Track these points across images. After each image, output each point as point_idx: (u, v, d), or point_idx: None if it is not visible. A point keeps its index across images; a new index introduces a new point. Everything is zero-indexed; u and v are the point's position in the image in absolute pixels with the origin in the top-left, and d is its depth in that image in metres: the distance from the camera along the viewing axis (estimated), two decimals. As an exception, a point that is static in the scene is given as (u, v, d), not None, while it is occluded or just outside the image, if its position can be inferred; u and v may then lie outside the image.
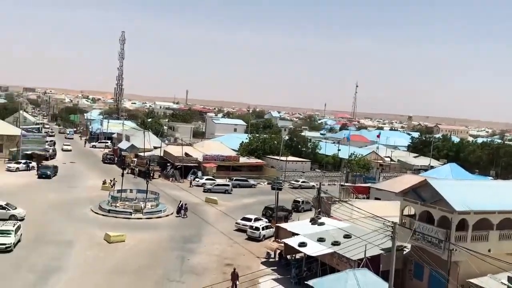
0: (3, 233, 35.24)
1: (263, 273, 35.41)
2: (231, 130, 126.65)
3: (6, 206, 43.65)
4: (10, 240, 34.86)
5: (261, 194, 66.46)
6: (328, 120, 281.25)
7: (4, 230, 35.60)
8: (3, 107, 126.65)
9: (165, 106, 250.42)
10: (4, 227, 36.05)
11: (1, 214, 42.53)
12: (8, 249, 34.32)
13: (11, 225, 36.42)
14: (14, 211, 43.49)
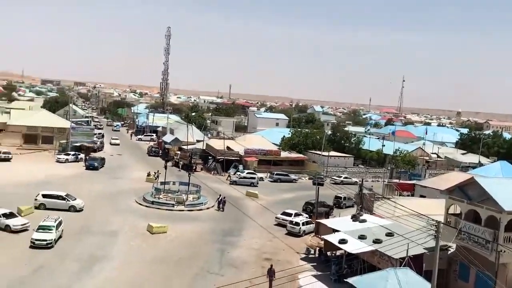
0: (45, 228, 34.90)
1: (302, 269, 35.20)
2: (273, 124, 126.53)
3: (66, 197, 45.09)
4: (51, 236, 34.49)
5: (302, 189, 66.06)
6: (373, 115, 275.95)
7: (45, 225, 35.24)
8: (55, 101, 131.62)
9: (208, 101, 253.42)
10: (46, 222, 35.67)
11: (61, 204, 44.12)
12: (49, 245, 34.04)
13: (53, 221, 35.99)
14: (73, 202, 44.93)
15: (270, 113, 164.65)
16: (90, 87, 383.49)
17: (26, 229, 37.23)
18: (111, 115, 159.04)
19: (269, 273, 31.02)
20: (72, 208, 44.37)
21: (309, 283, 32.34)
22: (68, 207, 44.32)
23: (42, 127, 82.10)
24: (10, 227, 37.00)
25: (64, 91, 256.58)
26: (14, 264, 31.16)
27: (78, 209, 44.68)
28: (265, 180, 71.40)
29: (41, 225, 35.16)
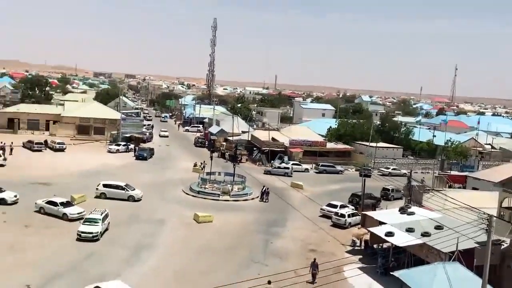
0: (91, 221, 34.88)
1: (348, 261, 34.77)
2: (319, 115, 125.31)
3: (125, 187, 46.33)
4: (97, 229, 34.33)
5: (348, 180, 65.13)
6: (423, 104, 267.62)
7: (92, 218, 35.23)
8: (106, 93, 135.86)
9: (254, 92, 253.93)
10: (92, 215, 35.70)
11: (120, 194, 45.43)
12: (95, 238, 34.00)
13: (99, 213, 35.90)
14: (132, 192, 46.09)
15: (316, 104, 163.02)
16: (140, 79, 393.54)
17: (82, 217, 38.31)
18: (159, 107, 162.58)
19: (312, 266, 30.69)
20: (131, 198, 45.50)
21: (355, 275, 31.89)
22: (127, 197, 45.48)
23: (94, 119, 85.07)
24: (67, 215, 38.34)
25: (115, 83, 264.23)
26: (66, 250, 32.49)
27: (137, 199, 45.70)
28: (310, 171, 70.92)
29: (88, 218, 35.42)
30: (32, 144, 68.45)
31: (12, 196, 41.75)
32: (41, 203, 39.79)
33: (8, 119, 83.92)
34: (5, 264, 29.23)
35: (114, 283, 25.58)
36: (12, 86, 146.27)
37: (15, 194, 42.14)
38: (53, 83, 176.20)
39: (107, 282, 25.52)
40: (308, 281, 29.77)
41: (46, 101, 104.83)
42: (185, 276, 30.18)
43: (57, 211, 38.76)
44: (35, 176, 52.05)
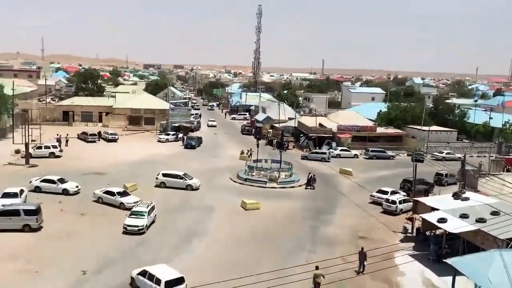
0: (137, 214, 34.66)
1: (399, 248, 33.92)
2: (368, 99, 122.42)
3: (183, 176, 46.98)
4: (143, 222, 34.07)
5: (399, 166, 63.37)
6: (479, 85, 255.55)
7: (137, 211, 35.01)
8: (155, 84, 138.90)
9: (301, 77, 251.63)
10: (138, 208, 35.56)
11: (179, 183, 46.25)
12: (140, 232, 33.72)
13: (145, 206, 35.70)
14: (190, 181, 46.76)
15: (366, 88, 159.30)
16: (188, 69, 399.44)
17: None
18: (207, 96, 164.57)
19: (360, 255, 29.80)
20: (189, 187, 46.11)
21: (406, 262, 31.10)
22: (185, 186, 46.18)
23: (144, 109, 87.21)
24: (124, 204, 39.33)
25: (164, 74, 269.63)
26: (119, 238, 33.54)
27: (195, 188, 46.21)
28: (359, 157, 69.61)
29: (134, 211, 35.20)
30: (86, 136, 71.13)
31: (74, 186, 43.40)
32: (99, 193, 41.17)
33: (63, 112, 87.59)
34: (62, 251, 30.56)
35: (159, 266, 26.45)
36: (66, 80, 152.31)
37: (76, 185, 43.75)
38: (104, 76, 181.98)
39: (153, 266, 26.36)
40: (356, 270, 29.23)
41: (98, 94, 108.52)
42: (234, 262, 30.42)
43: (115, 200, 39.95)
44: (89, 166, 54.09)
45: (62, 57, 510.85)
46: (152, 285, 24.87)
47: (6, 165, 53.15)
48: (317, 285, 27.24)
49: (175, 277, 25.22)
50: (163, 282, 24.59)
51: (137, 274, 26.12)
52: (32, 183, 43.09)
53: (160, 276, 24.93)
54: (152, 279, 25.02)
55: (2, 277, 26.52)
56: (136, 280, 26.10)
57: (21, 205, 34.54)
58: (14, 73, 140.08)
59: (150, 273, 25.44)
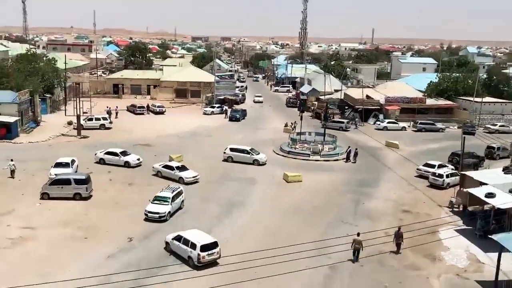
0: (160, 200, 32.28)
1: (443, 222, 33.13)
2: (419, 69, 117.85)
3: (250, 151, 46.60)
4: (165, 209, 31.62)
5: (449, 139, 61.31)
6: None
7: (161, 197, 32.53)
8: (202, 57, 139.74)
9: (350, 48, 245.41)
10: (162, 193, 33.00)
11: (246, 158, 46.05)
12: (162, 219, 31.39)
13: (170, 191, 33.11)
14: (257, 156, 46.29)
15: (416, 58, 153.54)
16: (235, 41, 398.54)
17: (196, 181, 39.82)
18: (252, 68, 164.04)
19: (396, 236, 28.41)
20: (256, 162, 45.77)
21: (450, 237, 30.42)
22: (252, 161, 45.88)
23: (191, 82, 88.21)
24: (183, 179, 39.37)
25: (211, 47, 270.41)
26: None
27: (261, 163, 45.82)
28: (407, 129, 67.79)
29: (157, 196, 32.71)
30: (134, 108, 73.04)
31: (135, 159, 44.13)
32: (158, 167, 41.29)
33: (113, 84, 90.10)
34: (110, 219, 31.92)
35: (193, 231, 27.38)
36: (117, 54, 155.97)
37: (138, 157, 44.43)
38: (153, 49, 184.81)
39: (187, 231, 27.39)
40: (392, 251, 28.33)
41: (147, 67, 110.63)
42: (274, 234, 30.75)
43: (174, 174, 39.92)
44: (138, 138, 55.71)
45: (114, 31, 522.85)
46: (187, 249, 25.79)
47: (59, 136, 55.61)
48: (355, 251, 27.35)
49: (210, 242, 26.04)
50: (199, 246, 25.39)
51: (172, 239, 27.13)
52: (97, 155, 44.46)
53: (195, 241, 25.74)
54: (188, 244, 25.89)
55: (54, 242, 28.11)
56: (171, 244, 27.11)
57: (72, 175, 36.19)
58: (67, 47, 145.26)
59: (185, 238, 26.35)
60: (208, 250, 25.54)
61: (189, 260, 25.75)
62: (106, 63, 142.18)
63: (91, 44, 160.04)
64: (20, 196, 35.17)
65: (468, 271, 26.73)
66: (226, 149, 47.52)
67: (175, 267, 24.89)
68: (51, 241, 28.17)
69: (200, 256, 25.20)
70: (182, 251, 26.20)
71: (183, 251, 26.18)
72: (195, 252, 25.36)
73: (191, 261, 25.58)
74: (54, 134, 55.64)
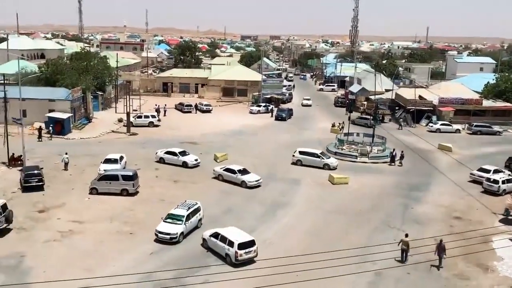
0: (173, 218, 28.76)
1: (498, 231, 31.30)
2: (476, 69, 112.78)
3: (320, 155, 45.06)
4: (177, 229, 28.10)
5: (506, 143, 58.34)
6: None
7: (174, 215, 29.02)
8: (250, 56, 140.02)
9: (403, 46, 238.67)
10: (176, 210, 29.44)
11: (316, 162, 44.64)
12: (173, 241, 27.86)
13: (185, 209, 29.50)
14: (327, 160, 44.90)
15: (473, 57, 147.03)
16: (284, 40, 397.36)
17: (259, 185, 38.70)
18: (300, 67, 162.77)
19: (438, 249, 26.50)
20: (326, 166, 44.25)
21: (505, 246, 28.71)
22: (323, 165, 44.41)
23: (238, 81, 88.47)
24: (246, 183, 38.21)
25: (260, 45, 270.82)
26: (208, 203, 34.46)
27: (332, 168, 44.22)
28: (462, 132, 64.94)
29: (170, 214, 29.27)
30: (182, 106, 74.05)
31: (193, 160, 43.64)
32: (219, 170, 40.02)
33: (162, 83, 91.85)
34: (155, 215, 31.94)
35: (231, 228, 27.50)
36: (167, 53, 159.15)
37: (195, 158, 43.98)
38: (203, 48, 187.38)
39: (225, 228, 27.51)
40: (433, 265, 26.53)
41: (196, 66, 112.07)
42: (318, 235, 30.17)
43: (236, 178, 38.78)
44: (184, 136, 56.34)
45: (165, 30, 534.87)
46: (225, 246, 25.87)
47: (110, 132, 57.18)
48: (403, 252, 26.91)
49: (248, 240, 26.00)
50: (236, 244, 25.41)
51: (209, 235, 27.22)
52: (158, 154, 44.56)
53: (233, 239, 25.76)
54: (225, 241, 25.97)
55: (101, 236, 28.77)
56: (208, 241, 27.23)
57: (120, 171, 36.99)
58: (120, 45, 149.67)
59: (222, 235, 26.43)
60: (245, 248, 25.58)
61: (226, 258, 25.85)
62: (157, 61, 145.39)
63: (142, 43, 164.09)
64: (70, 191, 36.36)
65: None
66: (295, 152, 46.20)
67: (216, 267, 24.80)
68: (98, 236, 28.83)
69: (238, 254, 25.24)
70: (220, 248, 26.31)
71: (220, 248, 26.28)
72: (232, 249, 25.40)
73: (228, 259, 25.68)
74: (105, 131, 57.28)
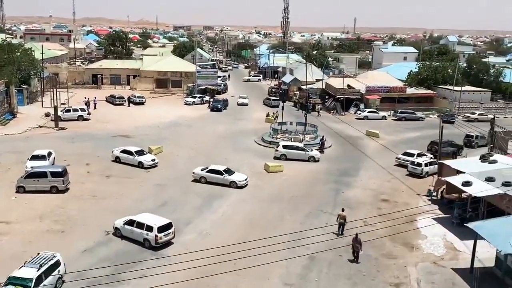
0: (16, 284, 20.33)
1: (421, 210, 33.42)
2: (400, 58, 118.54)
3: (305, 148, 44.84)
4: None
5: (428, 127, 61.79)
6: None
7: (18, 278, 20.56)
8: (183, 46, 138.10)
9: (332, 37, 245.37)
10: (21, 272, 20.88)
11: (301, 155, 44.17)
12: None
13: (35, 268, 20.95)
14: (311, 153, 44.60)
15: (397, 47, 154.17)
16: (218, 30, 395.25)
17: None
18: (235, 57, 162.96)
19: (354, 242, 26.23)
20: (311, 159, 44.71)
21: (428, 225, 30.73)
22: (308, 157, 44.67)
23: (171, 72, 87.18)
24: (236, 183, 37.03)
25: (193, 36, 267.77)
26: (143, 198, 34.28)
27: (317, 160, 44.74)
28: (388, 119, 68.24)
29: (13, 277, 20.75)
30: (114, 99, 71.96)
31: (149, 160, 41.39)
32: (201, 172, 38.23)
33: (92, 75, 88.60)
34: (87, 212, 31.41)
35: (144, 215, 28.20)
36: (96, 43, 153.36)
37: (152, 158, 41.73)
38: (134, 38, 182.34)
39: (138, 215, 28.03)
40: (350, 260, 26.47)
41: (127, 56, 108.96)
42: (254, 223, 30.76)
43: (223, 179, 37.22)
44: (116, 129, 54.98)
45: (94, 20, 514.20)
46: (143, 232, 26.55)
47: (36, 128, 54.58)
48: (340, 226, 29.27)
49: (166, 223, 27.06)
50: (156, 228, 26.21)
51: (123, 224, 27.45)
52: (114, 153, 42.25)
53: (151, 223, 26.53)
54: (142, 227, 26.55)
55: (30, 236, 27.61)
56: (122, 230, 27.50)
57: (48, 167, 35.54)
58: (46, 36, 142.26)
59: (138, 222, 26.97)
60: (164, 231, 26.62)
61: (144, 242, 26.65)
62: (85, 53, 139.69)
63: (70, 34, 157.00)
64: (-6, 190, 34.46)
65: (444, 259, 27.07)
66: (279, 146, 45.81)
67: (154, 261, 24.68)
68: (26, 236, 27.65)
69: (158, 237, 26.26)
70: (137, 234, 26.89)
71: (137, 235, 26.88)
72: (152, 234, 26.26)
73: (147, 243, 26.53)
74: (31, 126, 54.60)
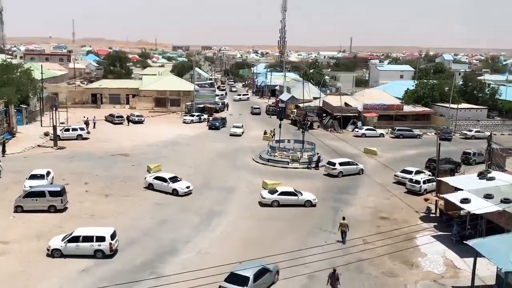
0: None
1: (421, 228, 33.44)
2: (396, 77, 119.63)
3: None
4: None
5: (426, 145, 62.08)
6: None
7: None
8: (182, 66, 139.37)
9: (329, 56, 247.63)
10: None
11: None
12: None
13: None
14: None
15: (394, 65, 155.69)
16: (216, 50, 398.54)
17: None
18: (233, 76, 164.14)
19: (331, 278, 24.57)
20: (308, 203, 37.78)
21: (427, 243, 30.66)
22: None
23: (170, 91, 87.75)
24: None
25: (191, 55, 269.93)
26: (141, 217, 34.17)
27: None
28: (386, 136, 68.54)
29: None
30: (113, 118, 72.22)
31: (184, 187, 39.16)
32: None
33: (91, 94, 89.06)
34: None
35: (80, 229, 28.38)
36: (96, 63, 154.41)
37: (187, 185, 39.41)
38: (134, 58, 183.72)
39: (76, 230, 28.18)
40: None
41: (126, 76, 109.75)
42: (253, 242, 30.61)
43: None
44: (115, 148, 55.05)
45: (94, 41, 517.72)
46: (94, 244, 27.23)
47: (35, 147, 54.59)
48: (343, 233, 30.50)
49: (113, 232, 28.00)
50: (109, 236, 27.40)
51: (66, 242, 27.28)
52: (147, 179, 40.42)
53: (100, 234, 27.46)
54: (92, 240, 27.25)
55: (28, 256, 27.42)
56: (64, 249, 27.24)
57: (46, 187, 35.49)
58: (45, 57, 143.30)
59: (84, 236, 27.44)
60: (114, 239, 27.79)
61: (96, 254, 27.23)
62: (85, 72, 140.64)
63: (69, 54, 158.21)
64: (-7, 210, 34.33)
65: (445, 277, 26.94)
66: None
67: (152, 281, 24.52)
68: (25, 256, 27.46)
69: (112, 245, 27.38)
70: (85, 249, 27.23)
71: (86, 249, 27.23)
72: (105, 243, 27.18)
73: (100, 254, 27.24)
74: (30, 146, 54.61)
